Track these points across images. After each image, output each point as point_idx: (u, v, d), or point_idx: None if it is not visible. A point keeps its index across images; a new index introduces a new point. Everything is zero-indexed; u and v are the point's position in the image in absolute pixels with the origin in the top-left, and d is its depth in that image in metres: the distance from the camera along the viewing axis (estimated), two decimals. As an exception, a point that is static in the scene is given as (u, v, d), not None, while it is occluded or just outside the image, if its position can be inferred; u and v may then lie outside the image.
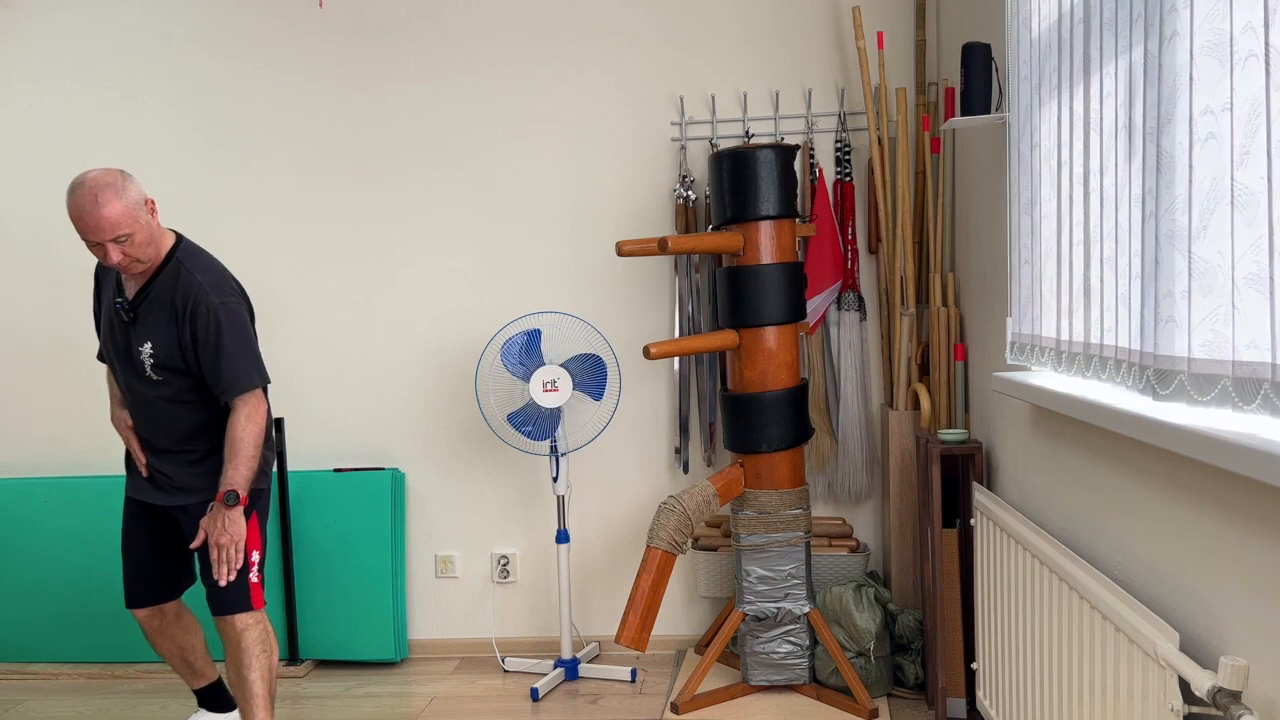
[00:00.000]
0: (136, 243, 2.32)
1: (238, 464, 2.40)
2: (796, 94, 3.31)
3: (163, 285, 2.41)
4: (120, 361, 2.49)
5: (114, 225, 2.26)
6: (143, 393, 2.47)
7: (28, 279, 3.66)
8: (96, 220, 2.25)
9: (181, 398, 2.46)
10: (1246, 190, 1.14)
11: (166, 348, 2.41)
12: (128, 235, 2.29)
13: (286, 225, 3.53)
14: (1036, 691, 2.01)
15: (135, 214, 2.30)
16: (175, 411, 2.48)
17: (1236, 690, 1.19)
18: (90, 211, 2.24)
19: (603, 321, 3.42)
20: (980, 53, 2.34)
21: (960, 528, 2.69)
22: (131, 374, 2.47)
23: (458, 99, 3.44)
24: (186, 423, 2.49)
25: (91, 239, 2.28)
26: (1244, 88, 1.14)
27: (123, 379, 2.50)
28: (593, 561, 3.50)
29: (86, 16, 3.56)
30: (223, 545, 2.39)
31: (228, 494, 2.37)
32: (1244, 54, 1.13)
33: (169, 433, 2.49)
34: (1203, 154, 1.24)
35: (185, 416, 2.49)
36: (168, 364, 2.42)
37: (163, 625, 2.64)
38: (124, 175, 2.31)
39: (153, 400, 2.47)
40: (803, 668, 2.95)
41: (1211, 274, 1.24)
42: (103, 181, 2.27)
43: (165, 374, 2.43)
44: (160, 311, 2.41)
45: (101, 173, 2.29)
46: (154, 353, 2.41)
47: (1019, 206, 2.08)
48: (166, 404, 2.47)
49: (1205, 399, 1.25)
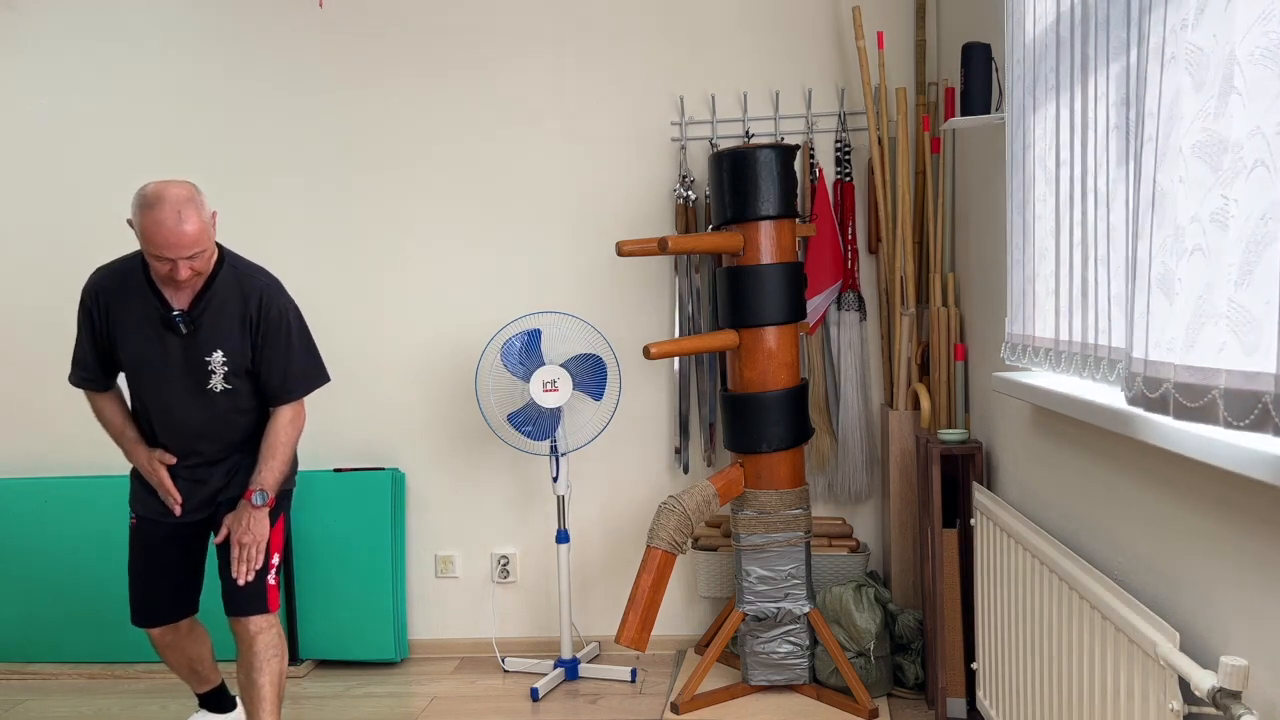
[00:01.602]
0: (205, 258, 2.26)
1: (273, 465, 2.37)
2: (796, 94, 3.31)
3: (224, 291, 2.34)
4: (172, 377, 2.36)
5: (194, 243, 2.19)
6: (201, 405, 2.38)
7: (28, 279, 3.66)
8: (180, 238, 2.17)
9: (243, 405, 2.42)
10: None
11: (239, 352, 2.35)
12: (201, 251, 2.22)
13: (286, 225, 3.53)
14: (1036, 691, 2.01)
15: (210, 230, 2.25)
16: (235, 419, 2.42)
17: (1236, 690, 1.19)
18: (174, 229, 2.16)
19: (603, 321, 3.42)
20: (980, 53, 2.34)
21: (960, 528, 2.69)
22: (190, 387, 2.36)
23: (458, 99, 3.44)
24: (241, 431, 2.44)
25: (168, 255, 2.19)
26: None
27: (172, 396, 2.37)
28: (593, 561, 3.50)
29: (87, 16, 3.56)
30: (245, 544, 2.36)
31: (257, 492, 2.35)
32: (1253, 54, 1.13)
33: (222, 441, 2.43)
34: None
35: (242, 424, 2.44)
36: (239, 370, 2.36)
37: (176, 639, 2.59)
38: (198, 190, 2.25)
39: (213, 412, 2.39)
40: (803, 668, 2.95)
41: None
42: (184, 197, 2.19)
43: (236, 381, 2.37)
44: (228, 317, 2.34)
45: (179, 187, 2.21)
46: (226, 360, 2.34)
47: (1017, 207, 2.08)
48: (228, 413, 2.40)
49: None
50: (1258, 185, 1.05)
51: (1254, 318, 1.06)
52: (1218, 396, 1.12)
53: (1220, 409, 1.11)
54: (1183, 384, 1.20)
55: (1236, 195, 1.09)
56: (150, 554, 2.50)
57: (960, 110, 2.38)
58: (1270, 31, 1.02)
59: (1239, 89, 1.07)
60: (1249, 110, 1.06)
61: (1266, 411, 1.04)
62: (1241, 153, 1.07)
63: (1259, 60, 1.04)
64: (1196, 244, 1.17)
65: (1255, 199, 1.06)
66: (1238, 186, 1.08)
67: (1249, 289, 1.07)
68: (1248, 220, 1.07)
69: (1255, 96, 1.05)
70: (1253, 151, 1.05)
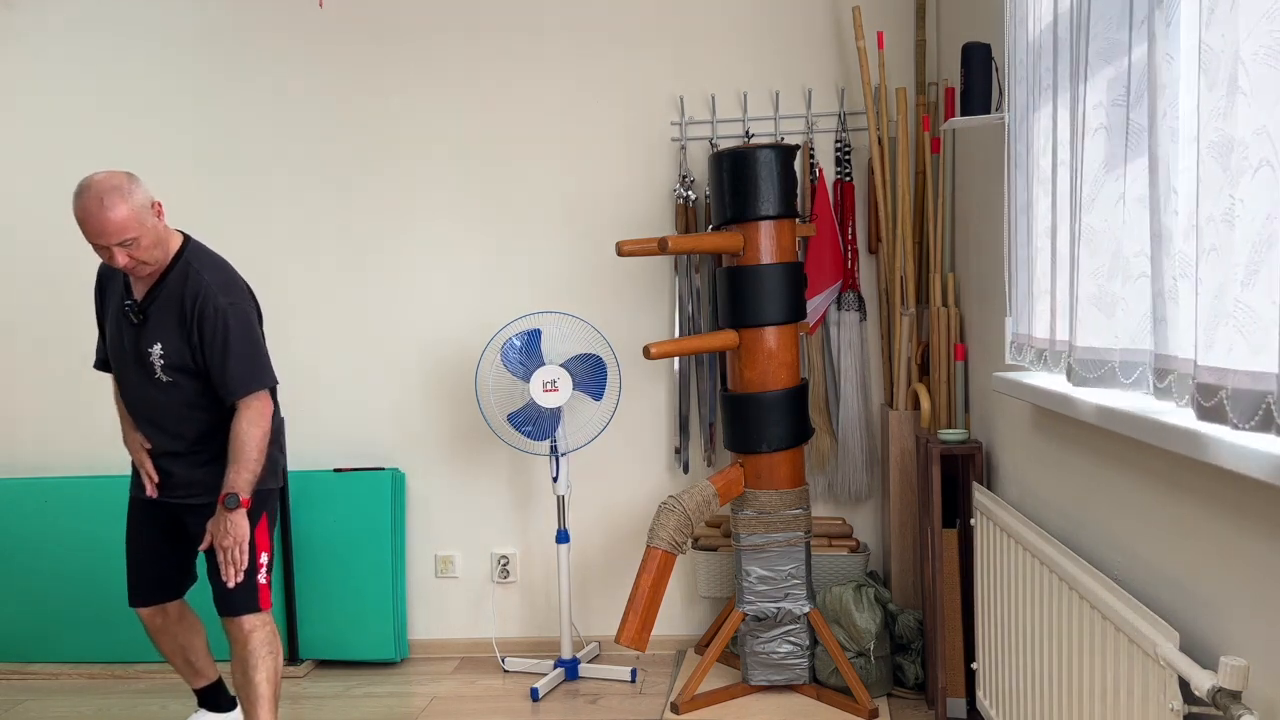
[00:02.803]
0: (143, 246, 2.31)
1: (239, 467, 2.39)
2: (796, 94, 3.31)
3: (171, 286, 2.40)
4: (128, 364, 2.47)
5: (120, 229, 2.25)
6: (152, 396, 2.46)
7: (28, 279, 3.66)
8: (102, 224, 2.24)
9: (191, 400, 2.45)
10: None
11: (176, 348, 2.40)
12: (134, 239, 2.28)
13: (286, 225, 3.53)
14: (1036, 691, 2.01)
15: (141, 217, 2.29)
16: (185, 413, 2.47)
17: (1236, 690, 1.19)
18: (96, 215, 2.23)
19: (603, 321, 3.42)
20: (980, 53, 2.34)
21: (960, 528, 2.69)
22: (141, 376, 2.45)
23: (458, 98, 3.44)
24: (196, 424, 2.48)
25: (97, 242, 2.27)
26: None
27: (132, 382, 2.48)
28: (592, 561, 3.50)
29: (87, 16, 3.56)
30: (226, 548, 2.39)
31: (228, 496, 2.37)
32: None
33: (178, 434, 2.48)
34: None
35: (195, 418, 2.48)
36: (178, 365, 2.41)
37: (165, 624, 2.63)
38: (130, 178, 2.30)
39: (163, 403, 2.46)
40: (803, 668, 2.94)
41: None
42: (108, 185, 2.25)
43: (175, 375, 2.42)
44: (169, 312, 2.40)
45: (107, 175, 2.27)
46: (164, 353, 2.40)
47: (1017, 207, 2.08)
48: (177, 406, 2.45)
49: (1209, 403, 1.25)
50: (1263, 185, 1.05)
51: (1260, 318, 1.06)
52: (1225, 398, 1.12)
53: (1227, 410, 1.11)
54: (1201, 384, 1.19)
55: (1242, 195, 1.08)
56: (133, 530, 2.61)
57: (960, 110, 2.38)
58: (1274, 30, 1.02)
59: (1243, 89, 1.06)
60: (1253, 109, 1.05)
61: (1270, 413, 1.04)
62: (1247, 152, 1.07)
63: (1263, 59, 1.04)
64: (1212, 244, 1.17)
65: (1260, 199, 1.05)
66: (1243, 186, 1.08)
67: (1254, 289, 1.07)
68: (1254, 220, 1.07)
69: (1260, 94, 1.04)
70: (1258, 151, 1.05)
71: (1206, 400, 1.16)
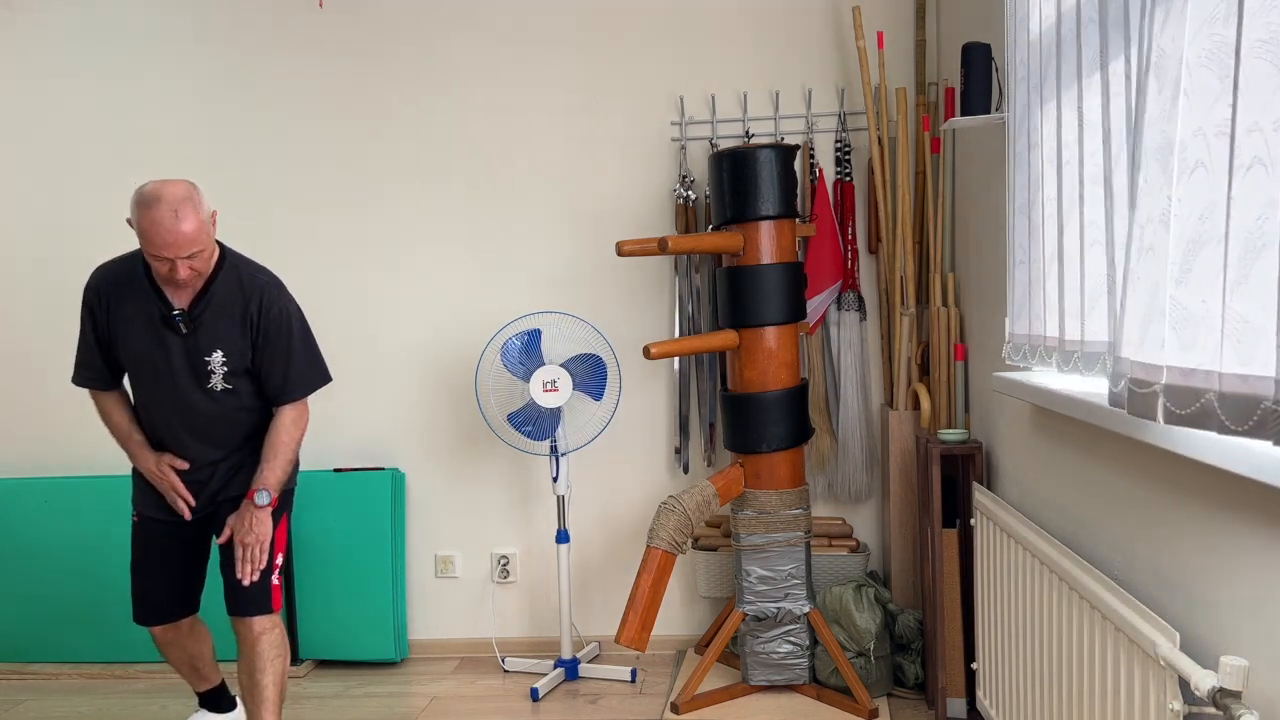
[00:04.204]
0: (203, 257, 2.26)
1: (275, 465, 2.37)
2: (796, 94, 3.31)
3: (225, 290, 2.34)
4: (171, 376, 2.36)
5: (191, 242, 2.19)
6: (200, 405, 2.38)
7: (28, 278, 3.66)
8: (176, 237, 2.16)
9: (246, 404, 2.42)
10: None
11: (239, 352, 2.35)
12: (199, 251, 2.22)
13: (286, 225, 3.53)
14: (1036, 691, 2.01)
15: (207, 229, 2.24)
16: (236, 419, 2.43)
17: (1236, 690, 1.19)
18: (171, 228, 2.15)
19: (603, 321, 3.42)
20: (980, 53, 2.34)
21: (960, 528, 2.69)
22: (190, 387, 2.36)
23: (457, 98, 3.44)
24: (243, 430, 2.45)
25: (165, 254, 2.18)
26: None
27: (169, 396, 2.37)
28: (592, 561, 3.50)
29: (86, 17, 3.56)
30: (248, 544, 2.36)
31: (261, 492, 2.35)
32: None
33: (223, 442, 2.43)
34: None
35: (244, 423, 2.44)
36: (239, 369, 2.36)
37: (177, 637, 2.59)
38: (195, 188, 2.23)
39: (213, 412, 2.39)
40: (803, 668, 2.95)
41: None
42: (181, 196, 2.18)
43: (235, 381, 2.38)
44: (227, 317, 2.34)
45: (175, 185, 2.20)
46: (226, 360, 2.35)
47: (1017, 207, 2.08)
48: (230, 412, 2.41)
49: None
50: (1256, 184, 1.05)
51: (1250, 322, 1.06)
52: (1213, 399, 1.12)
53: (1218, 413, 1.11)
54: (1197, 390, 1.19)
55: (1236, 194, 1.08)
56: (151, 551, 2.51)
57: (960, 110, 2.38)
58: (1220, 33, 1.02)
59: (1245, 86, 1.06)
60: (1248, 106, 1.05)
61: (1264, 417, 1.04)
62: (1241, 152, 1.07)
63: (1260, 53, 1.04)
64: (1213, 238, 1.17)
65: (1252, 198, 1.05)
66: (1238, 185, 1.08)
67: (1245, 296, 1.07)
68: (1243, 220, 1.07)
69: (1254, 92, 1.05)
70: (1250, 149, 1.05)
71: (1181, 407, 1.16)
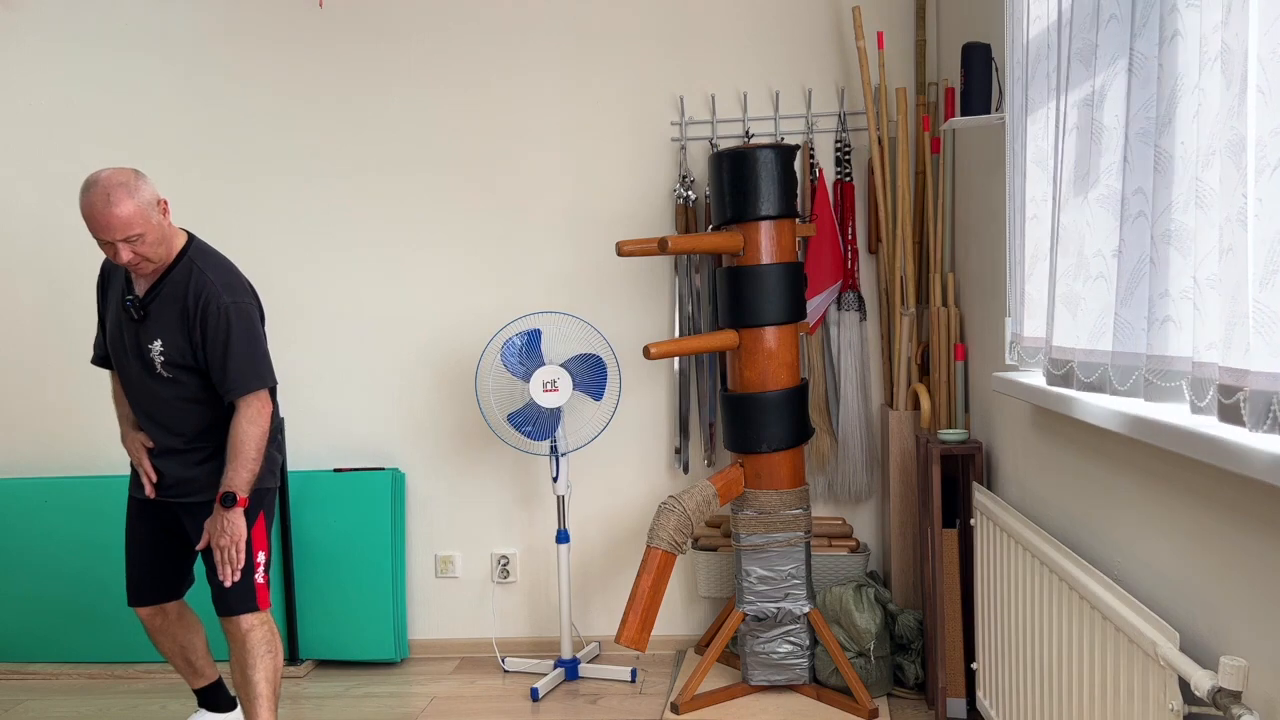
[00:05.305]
0: (147, 242, 2.33)
1: (237, 465, 2.40)
2: (796, 94, 3.31)
3: (174, 283, 2.42)
4: (129, 359, 2.48)
5: (125, 224, 2.27)
6: (153, 390, 2.47)
7: (28, 278, 3.66)
8: (108, 219, 2.26)
9: (191, 396, 2.47)
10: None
11: (178, 346, 2.42)
12: (139, 235, 2.30)
13: (286, 225, 3.53)
14: (1036, 691, 2.01)
15: (147, 214, 2.31)
16: (184, 409, 2.48)
17: (1236, 690, 1.19)
18: (102, 210, 2.25)
19: (603, 321, 3.42)
20: (980, 53, 2.34)
21: (960, 528, 2.69)
22: (141, 371, 2.47)
23: (458, 98, 3.44)
24: (195, 420, 2.49)
25: (103, 238, 2.29)
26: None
27: (132, 377, 2.50)
28: (592, 562, 3.50)
29: (86, 17, 3.56)
30: (223, 546, 2.41)
31: (225, 495, 2.38)
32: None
33: (177, 430, 2.50)
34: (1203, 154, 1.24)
35: (194, 414, 2.49)
36: (178, 361, 2.43)
37: (165, 624, 2.65)
38: (137, 175, 2.32)
39: (163, 398, 2.47)
40: (803, 668, 2.95)
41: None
42: (115, 180, 2.28)
43: (175, 371, 2.44)
44: (171, 309, 2.42)
45: (114, 172, 2.30)
46: (164, 350, 2.42)
47: (1017, 206, 2.08)
48: (177, 401, 2.47)
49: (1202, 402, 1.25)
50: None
51: (1276, 317, 1.05)
52: (1242, 399, 1.11)
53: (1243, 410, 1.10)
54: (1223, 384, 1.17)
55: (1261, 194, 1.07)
56: (131, 530, 2.62)
57: (960, 110, 2.38)
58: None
59: (1260, 88, 1.06)
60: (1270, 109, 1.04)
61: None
62: (1266, 151, 1.06)
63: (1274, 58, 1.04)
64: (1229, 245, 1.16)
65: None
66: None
67: (1273, 289, 1.06)
68: (1272, 219, 1.05)
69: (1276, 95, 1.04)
70: (1275, 150, 1.04)
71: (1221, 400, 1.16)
